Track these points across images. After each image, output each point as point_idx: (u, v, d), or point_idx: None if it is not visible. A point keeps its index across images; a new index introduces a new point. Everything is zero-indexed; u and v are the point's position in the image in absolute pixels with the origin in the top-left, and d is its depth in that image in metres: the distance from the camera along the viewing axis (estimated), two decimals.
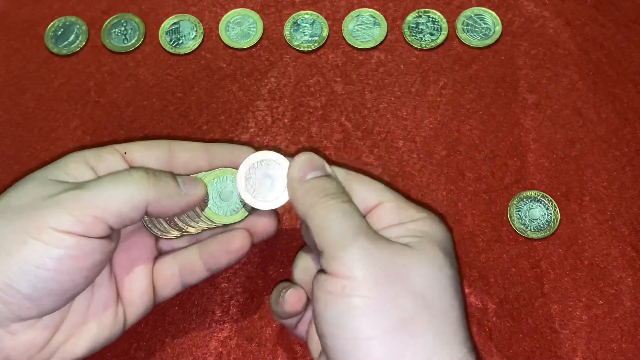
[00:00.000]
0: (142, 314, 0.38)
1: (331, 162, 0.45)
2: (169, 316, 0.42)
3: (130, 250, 0.39)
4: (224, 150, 0.40)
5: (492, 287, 0.42)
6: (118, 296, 0.38)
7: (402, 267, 0.32)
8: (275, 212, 0.40)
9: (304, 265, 0.38)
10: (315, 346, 0.37)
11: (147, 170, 0.36)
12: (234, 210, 0.39)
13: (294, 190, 0.36)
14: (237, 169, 0.38)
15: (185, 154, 0.39)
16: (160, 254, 0.40)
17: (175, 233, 0.39)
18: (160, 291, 0.39)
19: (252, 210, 0.39)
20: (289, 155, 0.38)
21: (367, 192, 0.36)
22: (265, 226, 0.40)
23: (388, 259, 0.33)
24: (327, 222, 0.34)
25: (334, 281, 0.32)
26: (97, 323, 0.37)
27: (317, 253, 0.35)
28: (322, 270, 0.34)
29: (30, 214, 0.34)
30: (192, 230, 0.39)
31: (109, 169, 0.37)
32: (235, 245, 0.39)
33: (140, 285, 0.38)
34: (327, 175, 0.36)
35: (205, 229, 0.39)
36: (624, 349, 0.40)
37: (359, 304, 0.32)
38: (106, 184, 0.35)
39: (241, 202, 0.39)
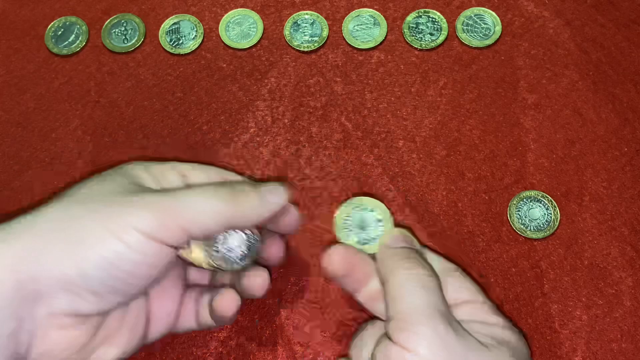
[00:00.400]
0: (161, 335, 0.38)
1: (330, 164, 0.45)
2: None
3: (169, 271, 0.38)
4: (271, 191, 0.38)
5: (491, 287, 0.42)
6: (148, 312, 0.37)
7: None
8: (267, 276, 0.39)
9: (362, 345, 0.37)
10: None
11: (231, 185, 0.36)
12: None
13: (381, 254, 0.37)
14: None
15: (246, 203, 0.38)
16: (189, 285, 0.40)
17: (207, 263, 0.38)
18: (183, 319, 0.39)
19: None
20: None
21: (460, 287, 0.36)
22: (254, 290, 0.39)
23: (459, 349, 0.32)
24: (405, 290, 0.34)
25: (397, 350, 0.32)
26: (129, 332, 0.36)
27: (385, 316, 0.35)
28: (386, 334, 0.34)
29: (115, 208, 0.33)
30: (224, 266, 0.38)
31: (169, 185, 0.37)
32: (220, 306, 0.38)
33: (170, 306, 0.38)
34: (416, 250, 0.37)
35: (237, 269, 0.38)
36: (623, 348, 0.41)
37: None
38: (196, 196, 0.35)
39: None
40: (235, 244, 0.37)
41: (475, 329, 0.34)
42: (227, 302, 0.37)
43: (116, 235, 0.33)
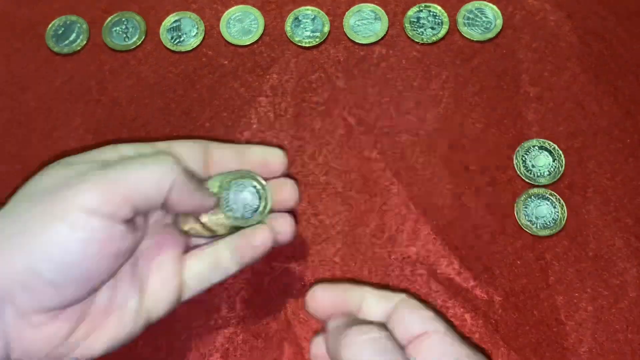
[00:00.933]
0: (168, 310, 0.37)
1: (333, 160, 0.45)
2: (175, 313, 0.42)
3: (160, 244, 0.38)
4: (256, 153, 0.40)
5: (497, 280, 0.42)
6: (141, 292, 0.36)
7: None
8: (291, 219, 0.39)
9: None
10: None
11: (174, 157, 0.36)
12: (248, 216, 0.39)
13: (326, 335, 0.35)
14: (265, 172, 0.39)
15: (219, 152, 0.39)
16: (188, 250, 0.39)
17: (204, 232, 0.39)
18: (188, 287, 0.38)
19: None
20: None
21: (413, 319, 0.33)
22: (283, 233, 0.39)
23: None
24: None
25: None
26: (117, 319, 0.35)
27: None
28: None
29: (56, 194, 0.33)
30: (219, 229, 0.39)
31: None
32: (258, 239, 0.38)
33: (168, 279, 0.37)
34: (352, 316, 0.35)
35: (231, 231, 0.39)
36: (629, 339, 0.41)
37: None
38: (135, 164, 0.34)
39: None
40: (249, 197, 0.38)
41: None
42: (261, 233, 0.38)
43: (59, 218, 0.32)
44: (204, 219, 0.38)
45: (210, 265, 0.38)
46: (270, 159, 0.40)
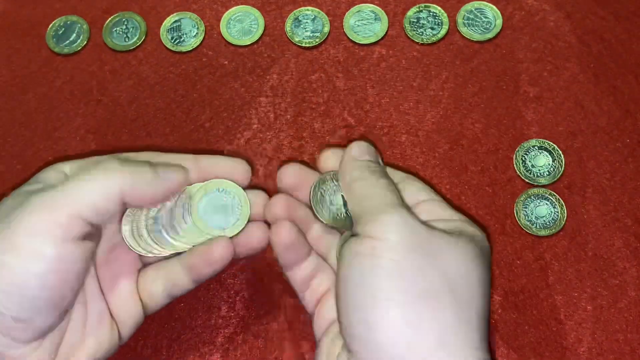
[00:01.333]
0: (134, 327, 0.37)
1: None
2: (175, 313, 0.42)
3: (113, 265, 0.37)
4: (212, 162, 0.39)
5: (497, 279, 0.42)
6: (109, 312, 0.37)
7: (437, 246, 0.33)
8: (265, 226, 0.39)
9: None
10: (321, 323, 0.37)
11: (118, 157, 0.35)
12: (225, 226, 0.38)
13: (346, 164, 0.37)
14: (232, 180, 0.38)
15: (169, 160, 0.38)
16: (144, 266, 0.39)
17: (158, 250, 0.38)
18: (148, 304, 0.38)
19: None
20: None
21: (417, 190, 0.37)
22: (258, 241, 0.38)
23: (425, 235, 0.33)
24: (371, 193, 0.35)
25: (365, 242, 0.33)
26: (94, 339, 0.35)
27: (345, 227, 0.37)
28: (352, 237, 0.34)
29: (3, 231, 0.31)
30: (179, 245, 0.38)
31: None
32: (216, 255, 0.37)
33: (126, 299, 0.37)
34: (379, 164, 0.38)
35: (190, 246, 0.38)
36: (629, 338, 0.41)
37: (386, 265, 0.32)
38: (75, 179, 0.33)
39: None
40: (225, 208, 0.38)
41: (436, 225, 0.35)
42: (219, 248, 0.37)
43: (11, 256, 0.31)
44: (172, 244, 0.37)
45: (167, 285, 0.38)
46: (230, 169, 0.39)
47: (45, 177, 0.35)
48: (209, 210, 0.38)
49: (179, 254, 0.38)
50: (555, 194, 0.44)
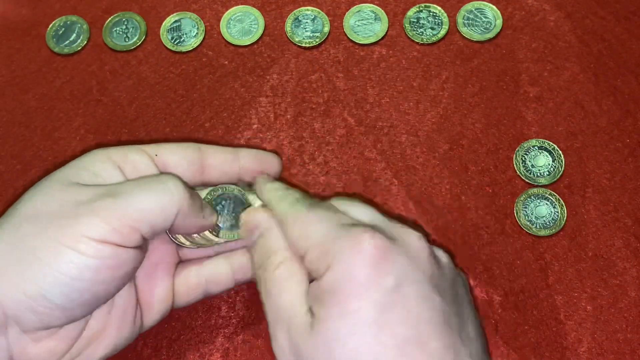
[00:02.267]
0: (160, 318, 0.38)
1: (333, 160, 0.45)
2: (175, 313, 0.42)
3: (152, 255, 0.38)
4: (251, 155, 0.40)
5: (497, 280, 0.42)
6: (137, 301, 0.37)
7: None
8: None
9: None
10: None
11: (181, 180, 0.36)
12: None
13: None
14: (250, 180, 0.39)
15: (216, 156, 0.39)
16: (181, 261, 0.40)
17: (191, 245, 0.39)
18: (181, 298, 0.39)
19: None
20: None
21: (297, 238, 0.35)
22: None
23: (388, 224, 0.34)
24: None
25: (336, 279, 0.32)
26: (116, 328, 0.36)
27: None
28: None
29: (64, 221, 0.33)
30: (205, 243, 0.39)
31: (137, 172, 0.36)
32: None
33: (161, 290, 0.38)
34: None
35: (219, 242, 0.39)
36: (629, 338, 0.41)
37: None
38: (141, 192, 0.34)
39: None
40: (233, 207, 0.39)
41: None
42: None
43: (70, 247, 0.32)
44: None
45: (210, 281, 0.39)
46: (266, 162, 0.40)
47: (95, 168, 0.36)
48: (221, 216, 0.39)
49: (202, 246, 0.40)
50: (555, 194, 0.44)
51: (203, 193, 0.39)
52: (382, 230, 0.33)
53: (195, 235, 0.38)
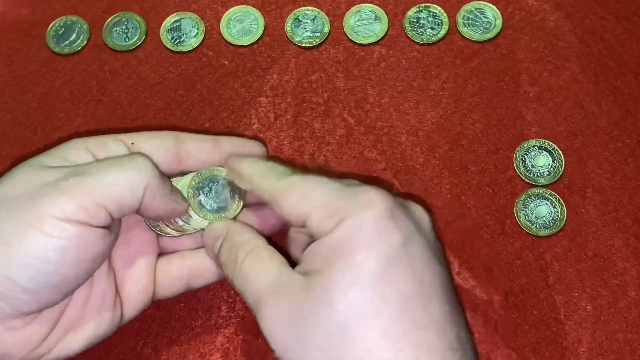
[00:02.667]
0: (140, 310, 0.38)
1: (333, 160, 0.45)
2: (175, 313, 0.42)
3: (131, 244, 0.38)
4: (232, 142, 0.40)
5: (497, 280, 0.42)
6: (116, 291, 0.37)
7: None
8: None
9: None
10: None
11: (150, 159, 0.36)
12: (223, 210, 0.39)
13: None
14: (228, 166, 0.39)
15: (194, 144, 0.39)
16: (163, 252, 0.39)
17: (174, 232, 0.39)
18: (162, 290, 0.38)
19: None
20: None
21: (296, 204, 0.34)
22: (267, 222, 0.39)
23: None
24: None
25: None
26: (95, 318, 0.36)
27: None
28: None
29: (30, 202, 0.32)
30: (190, 229, 0.39)
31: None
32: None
33: (140, 281, 0.38)
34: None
35: (199, 229, 0.39)
36: (629, 338, 0.41)
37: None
38: (108, 168, 0.34)
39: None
40: (224, 192, 0.38)
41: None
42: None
43: (35, 227, 0.32)
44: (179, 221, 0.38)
45: (192, 273, 0.38)
46: (249, 150, 0.40)
47: (69, 155, 0.36)
48: (208, 199, 0.39)
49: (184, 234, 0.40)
50: (555, 194, 0.44)
51: (187, 178, 0.38)
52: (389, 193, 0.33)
53: (178, 220, 0.38)
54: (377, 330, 0.30)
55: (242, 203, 0.39)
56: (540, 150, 0.45)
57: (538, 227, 0.43)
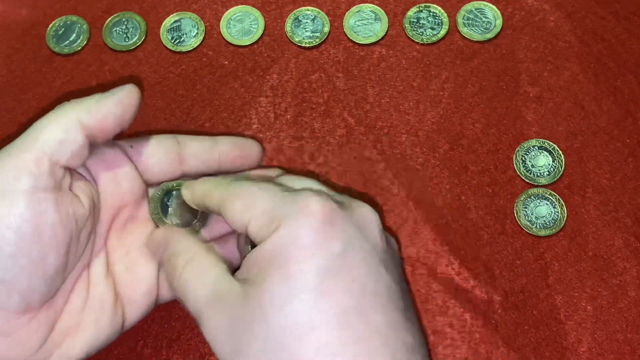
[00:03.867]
0: (144, 313, 0.37)
1: (333, 160, 0.45)
2: (175, 313, 0.42)
3: (132, 247, 0.37)
4: (230, 142, 0.40)
5: (497, 280, 0.42)
6: (116, 296, 0.36)
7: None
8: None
9: None
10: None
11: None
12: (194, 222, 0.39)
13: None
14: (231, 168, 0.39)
15: (193, 145, 0.39)
16: None
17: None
18: (166, 292, 0.38)
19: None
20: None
21: (240, 210, 0.34)
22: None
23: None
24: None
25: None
26: (93, 323, 0.35)
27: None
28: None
29: None
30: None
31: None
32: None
33: (143, 283, 0.37)
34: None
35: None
36: (629, 338, 0.41)
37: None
38: (33, 126, 0.33)
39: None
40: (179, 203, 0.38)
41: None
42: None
43: None
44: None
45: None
46: (245, 149, 0.40)
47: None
48: (177, 210, 0.39)
49: None
50: (555, 194, 0.44)
51: (151, 191, 0.39)
52: (332, 197, 0.33)
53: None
54: (312, 346, 0.29)
55: (200, 221, 0.39)
56: (540, 150, 0.45)
57: (538, 227, 0.43)
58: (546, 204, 0.44)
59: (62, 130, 0.33)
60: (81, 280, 0.35)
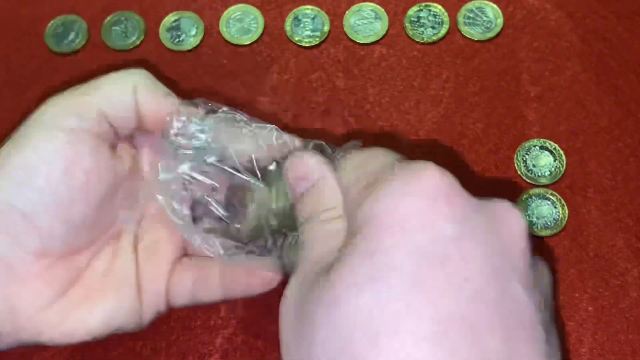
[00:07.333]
0: (155, 314, 0.36)
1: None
2: (174, 313, 0.42)
3: (158, 236, 0.36)
4: None
5: None
6: (137, 276, 0.35)
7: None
8: None
9: None
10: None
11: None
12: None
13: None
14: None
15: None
16: (186, 254, 0.37)
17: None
18: (173, 297, 0.36)
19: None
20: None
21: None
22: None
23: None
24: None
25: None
26: (115, 294, 0.34)
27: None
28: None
29: (22, 135, 0.33)
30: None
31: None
32: (256, 288, 0.34)
33: (157, 285, 0.36)
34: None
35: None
36: (630, 339, 0.41)
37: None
38: (101, 77, 0.35)
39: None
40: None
41: None
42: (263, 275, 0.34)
43: (23, 144, 0.32)
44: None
45: (197, 282, 0.36)
46: None
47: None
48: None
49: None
50: (556, 194, 0.44)
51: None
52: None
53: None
54: (389, 357, 0.21)
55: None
56: (541, 150, 0.45)
57: (539, 227, 0.43)
58: (547, 204, 0.44)
59: (118, 89, 0.34)
60: (108, 248, 0.35)
